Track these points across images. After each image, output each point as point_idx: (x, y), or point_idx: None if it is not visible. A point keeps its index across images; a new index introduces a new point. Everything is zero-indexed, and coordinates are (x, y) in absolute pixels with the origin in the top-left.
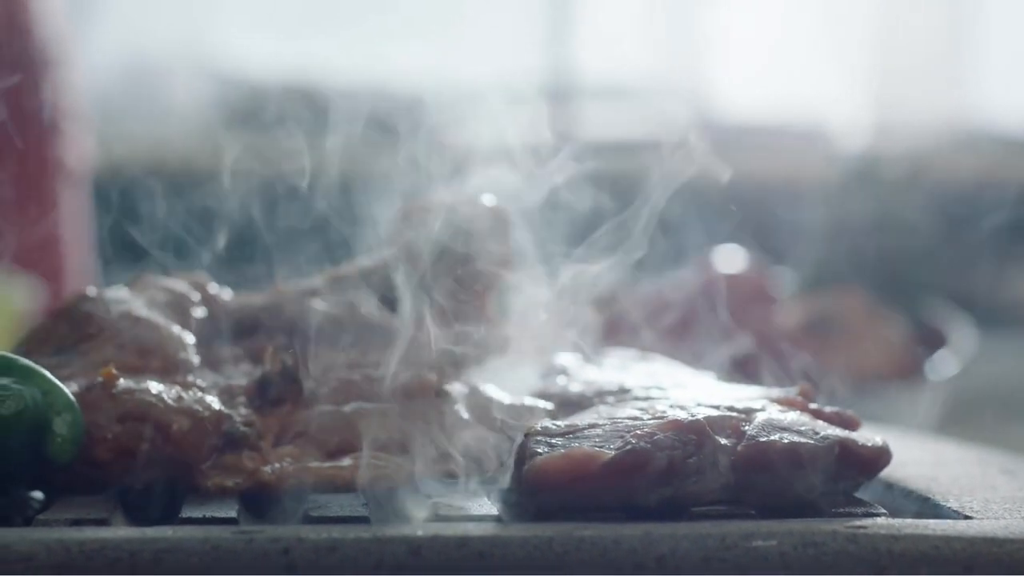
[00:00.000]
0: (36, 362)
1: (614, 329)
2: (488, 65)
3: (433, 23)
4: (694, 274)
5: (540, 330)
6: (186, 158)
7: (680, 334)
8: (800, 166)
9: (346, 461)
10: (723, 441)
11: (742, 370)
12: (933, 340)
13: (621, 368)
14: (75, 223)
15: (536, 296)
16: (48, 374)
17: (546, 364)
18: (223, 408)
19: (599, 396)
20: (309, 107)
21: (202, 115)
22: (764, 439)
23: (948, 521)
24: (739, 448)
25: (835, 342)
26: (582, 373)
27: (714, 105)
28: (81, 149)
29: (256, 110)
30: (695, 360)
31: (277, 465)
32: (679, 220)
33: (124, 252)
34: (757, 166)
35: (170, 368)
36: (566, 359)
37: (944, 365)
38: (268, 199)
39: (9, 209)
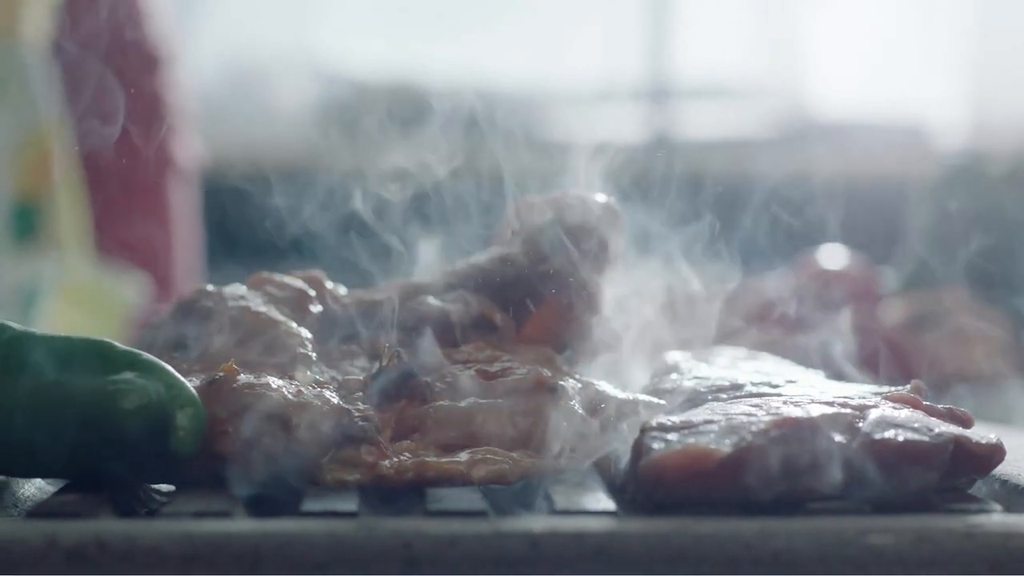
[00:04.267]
0: (158, 357)
1: (721, 327)
2: (589, 65)
3: (534, 25)
4: (798, 272)
5: (650, 327)
6: (291, 157)
7: (785, 332)
8: (901, 164)
9: (463, 456)
10: (837, 438)
11: (854, 367)
12: None
13: (731, 365)
14: (184, 220)
15: (644, 293)
16: (170, 369)
17: (658, 361)
18: (342, 403)
19: (712, 392)
20: (412, 106)
21: (307, 114)
22: (879, 436)
23: None
24: (854, 445)
25: (939, 340)
26: (694, 370)
27: (813, 104)
28: (190, 147)
29: (360, 109)
30: (802, 357)
31: (395, 459)
32: (781, 218)
33: (230, 249)
34: (857, 164)
35: (289, 363)
36: (677, 356)
37: None
38: (376, 197)
39: (120, 205)
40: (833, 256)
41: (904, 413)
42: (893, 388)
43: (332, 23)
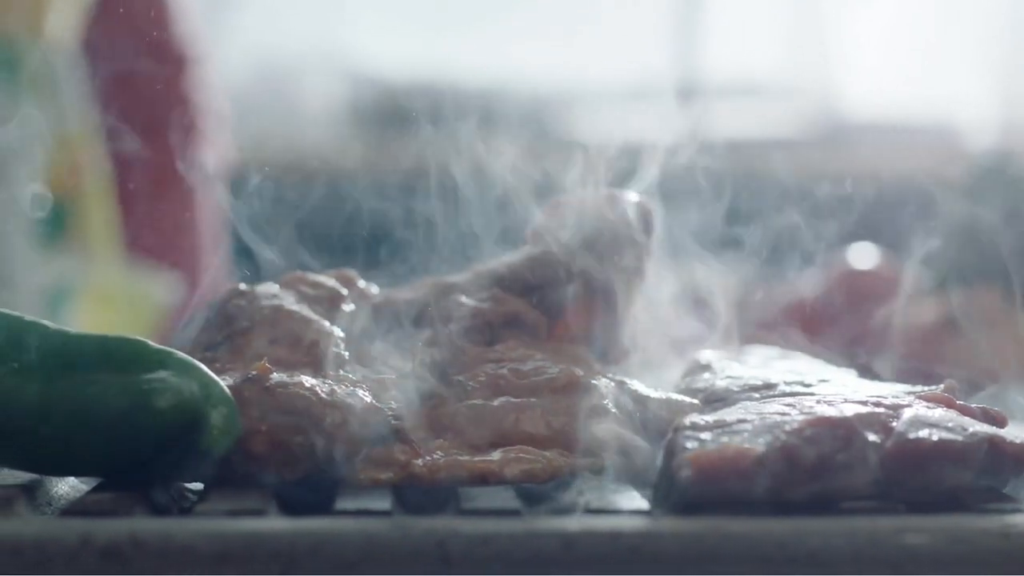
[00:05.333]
0: (191, 356)
1: (752, 326)
2: (617, 63)
3: (562, 22)
4: (828, 272)
5: (681, 326)
6: (320, 157)
7: (816, 331)
8: (930, 163)
9: (495, 455)
10: (872, 437)
11: (886, 367)
12: None
13: (763, 365)
14: (212, 221)
15: (677, 292)
16: (204, 368)
17: (690, 360)
18: (375, 402)
19: (745, 391)
20: (442, 106)
21: (336, 114)
22: (913, 435)
23: None
24: (888, 444)
25: (968, 340)
26: (726, 369)
27: (844, 103)
28: (218, 147)
29: (389, 109)
30: (832, 357)
31: (428, 458)
32: (810, 218)
33: (259, 250)
34: (887, 164)
35: (322, 363)
36: (709, 355)
37: None
38: (406, 196)
39: (149, 205)
40: (862, 255)
41: (938, 412)
42: (927, 387)
43: (361, 22)
